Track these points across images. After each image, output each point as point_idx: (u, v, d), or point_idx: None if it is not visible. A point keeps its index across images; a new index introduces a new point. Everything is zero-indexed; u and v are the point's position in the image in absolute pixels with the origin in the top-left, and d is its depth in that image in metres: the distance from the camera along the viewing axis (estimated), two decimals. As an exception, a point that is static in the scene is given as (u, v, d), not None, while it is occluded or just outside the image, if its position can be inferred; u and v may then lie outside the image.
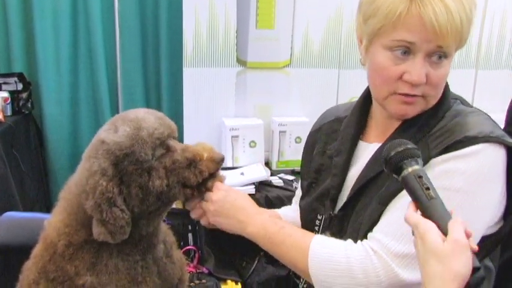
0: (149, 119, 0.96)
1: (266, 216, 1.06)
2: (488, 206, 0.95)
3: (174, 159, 0.96)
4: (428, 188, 0.79)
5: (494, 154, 0.94)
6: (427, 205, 0.78)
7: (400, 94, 0.98)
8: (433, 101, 1.01)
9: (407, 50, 0.95)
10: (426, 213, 0.78)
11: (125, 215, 0.92)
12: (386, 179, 0.99)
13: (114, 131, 0.93)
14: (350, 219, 1.04)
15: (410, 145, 0.84)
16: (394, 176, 0.85)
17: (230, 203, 1.05)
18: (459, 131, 0.96)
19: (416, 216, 0.78)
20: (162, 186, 0.94)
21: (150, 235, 1.01)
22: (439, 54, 0.96)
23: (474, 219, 0.92)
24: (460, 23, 0.93)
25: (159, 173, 0.94)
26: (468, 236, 0.74)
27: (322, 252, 0.96)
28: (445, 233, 0.74)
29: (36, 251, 1.00)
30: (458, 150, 0.93)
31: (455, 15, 0.92)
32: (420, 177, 0.80)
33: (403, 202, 0.94)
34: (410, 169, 0.81)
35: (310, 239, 0.99)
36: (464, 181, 0.92)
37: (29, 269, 0.99)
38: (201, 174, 0.98)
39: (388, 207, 0.97)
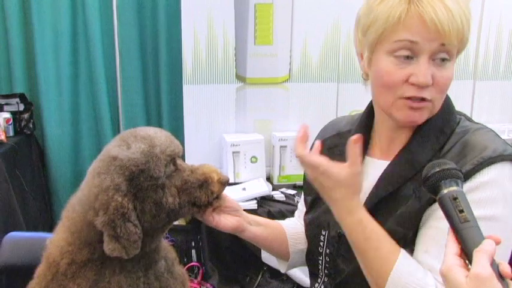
0: (160, 136, 0.98)
1: (356, 220, 0.98)
2: None
3: (186, 179, 0.98)
4: (462, 211, 0.76)
5: (510, 172, 0.96)
6: (459, 228, 0.75)
7: (406, 98, 0.97)
8: (438, 105, 1.01)
9: (410, 54, 0.95)
10: (458, 237, 0.75)
11: (138, 230, 0.92)
12: (402, 200, 0.99)
13: (127, 148, 0.94)
14: None
15: (451, 165, 0.81)
16: (432, 196, 0.82)
17: (328, 189, 0.98)
18: (473, 152, 0.96)
19: (448, 249, 0.75)
20: (175, 204, 0.96)
21: (152, 251, 1.02)
22: (443, 56, 0.96)
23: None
24: (461, 22, 0.93)
25: (171, 190, 0.96)
26: (504, 268, 0.70)
27: (403, 281, 0.92)
28: (471, 262, 0.71)
29: (39, 270, 1.00)
30: (479, 172, 0.93)
31: (456, 14, 0.92)
32: (455, 198, 0.77)
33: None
34: (445, 190, 0.78)
35: (395, 260, 0.94)
36: (502, 207, 0.93)
37: (33, 289, 1.00)
38: (212, 195, 1.01)
39: (430, 243, 0.95)
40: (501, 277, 0.69)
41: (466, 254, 0.73)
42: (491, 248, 0.71)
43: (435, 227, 0.95)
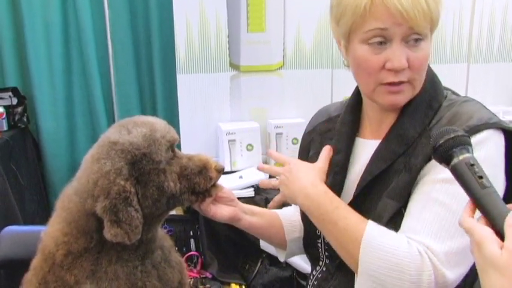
0: (160, 122, 1.00)
1: (322, 191, 1.04)
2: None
3: (185, 165, 1.00)
4: (481, 177, 0.73)
5: (495, 140, 0.97)
6: (480, 195, 0.72)
7: (385, 84, 1.00)
8: (418, 85, 1.03)
9: (383, 40, 0.97)
10: (479, 205, 0.72)
11: (139, 215, 0.93)
12: (394, 175, 1.01)
13: (127, 133, 0.95)
14: None
15: (461, 132, 0.79)
16: (443, 165, 0.79)
17: (293, 174, 1.10)
18: (459, 121, 0.97)
19: (471, 221, 0.72)
20: (176, 189, 0.98)
21: (149, 240, 1.02)
22: (415, 37, 0.97)
23: None
24: (426, 4, 0.94)
25: (172, 176, 0.97)
26: None
27: (376, 242, 0.93)
28: (500, 230, 0.69)
29: (35, 262, 1.00)
30: None
31: None
32: (472, 165, 0.75)
33: (428, 198, 0.95)
34: (461, 157, 0.76)
35: (365, 226, 0.95)
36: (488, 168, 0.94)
37: (29, 281, 0.99)
38: (210, 181, 1.03)
39: (412, 206, 0.97)
40: None
41: (491, 220, 0.71)
42: None
43: (420, 192, 0.97)
